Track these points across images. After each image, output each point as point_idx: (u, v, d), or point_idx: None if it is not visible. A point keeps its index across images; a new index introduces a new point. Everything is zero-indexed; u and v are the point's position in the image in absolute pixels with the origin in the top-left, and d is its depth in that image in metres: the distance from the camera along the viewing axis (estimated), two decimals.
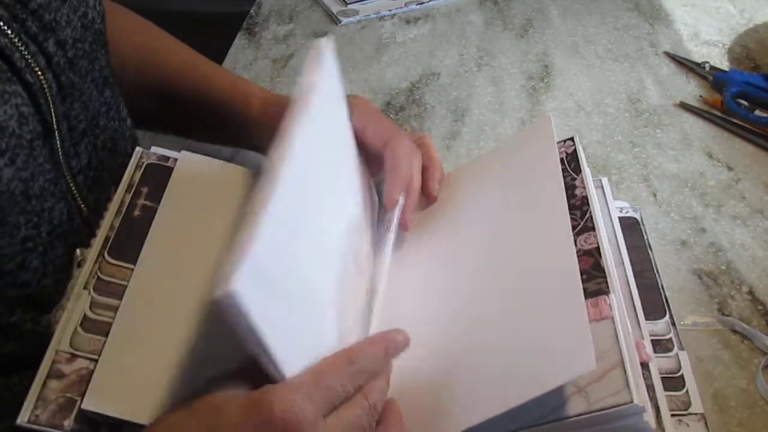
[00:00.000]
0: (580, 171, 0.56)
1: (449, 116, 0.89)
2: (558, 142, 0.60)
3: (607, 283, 0.48)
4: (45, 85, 0.51)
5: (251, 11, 1.11)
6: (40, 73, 0.51)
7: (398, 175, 0.58)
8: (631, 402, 0.41)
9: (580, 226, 0.52)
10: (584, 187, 0.55)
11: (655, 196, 0.76)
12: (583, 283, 0.48)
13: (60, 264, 0.55)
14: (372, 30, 1.05)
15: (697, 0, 1.06)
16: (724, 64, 0.93)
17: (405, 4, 1.09)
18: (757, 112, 0.84)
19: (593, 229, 0.52)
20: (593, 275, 0.49)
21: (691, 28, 1.01)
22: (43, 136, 0.52)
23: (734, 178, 0.78)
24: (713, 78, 0.89)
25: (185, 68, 0.72)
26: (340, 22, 1.06)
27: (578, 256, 0.50)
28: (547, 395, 0.42)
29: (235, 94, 0.68)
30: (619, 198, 0.75)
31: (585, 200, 0.54)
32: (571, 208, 0.54)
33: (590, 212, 0.53)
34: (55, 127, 0.53)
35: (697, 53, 0.96)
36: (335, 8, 1.09)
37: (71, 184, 0.56)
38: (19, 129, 0.48)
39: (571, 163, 0.57)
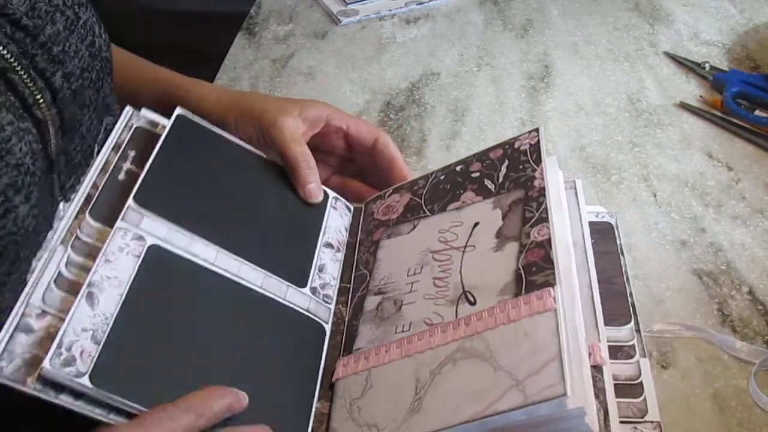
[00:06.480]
0: (541, 162, 0.55)
1: (449, 116, 0.89)
2: (523, 134, 0.59)
3: (554, 274, 0.47)
4: (50, 120, 0.51)
5: (251, 11, 1.11)
6: (45, 108, 0.50)
7: (402, 165, 0.66)
8: (565, 395, 0.40)
9: (534, 218, 0.51)
10: (543, 179, 0.54)
11: (655, 196, 0.76)
12: (531, 275, 0.47)
13: None
14: (372, 30, 1.05)
15: (697, 0, 1.06)
16: (724, 64, 0.93)
17: (405, 4, 1.09)
18: (757, 112, 0.84)
19: (547, 220, 0.50)
20: (542, 267, 0.48)
21: (691, 28, 1.01)
22: (46, 172, 0.51)
23: (734, 178, 0.78)
24: (713, 78, 0.89)
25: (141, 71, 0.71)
26: (340, 22, 1.06)
27: (530, 248, 0.49)
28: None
29: (192, 89, 0.68)
30: (618, 198, 0.75)
31: (542, 191, 0.53)
32: (529, 199, 0.53)
33: (546, 203, 0.52)
34: (54, 161, 0.52)
35: (697, 53, 0.96)
36: (335, 8, 1.09)
37: None
38: (33, 166, 0.48)
39: (533, 155, 0.56)
